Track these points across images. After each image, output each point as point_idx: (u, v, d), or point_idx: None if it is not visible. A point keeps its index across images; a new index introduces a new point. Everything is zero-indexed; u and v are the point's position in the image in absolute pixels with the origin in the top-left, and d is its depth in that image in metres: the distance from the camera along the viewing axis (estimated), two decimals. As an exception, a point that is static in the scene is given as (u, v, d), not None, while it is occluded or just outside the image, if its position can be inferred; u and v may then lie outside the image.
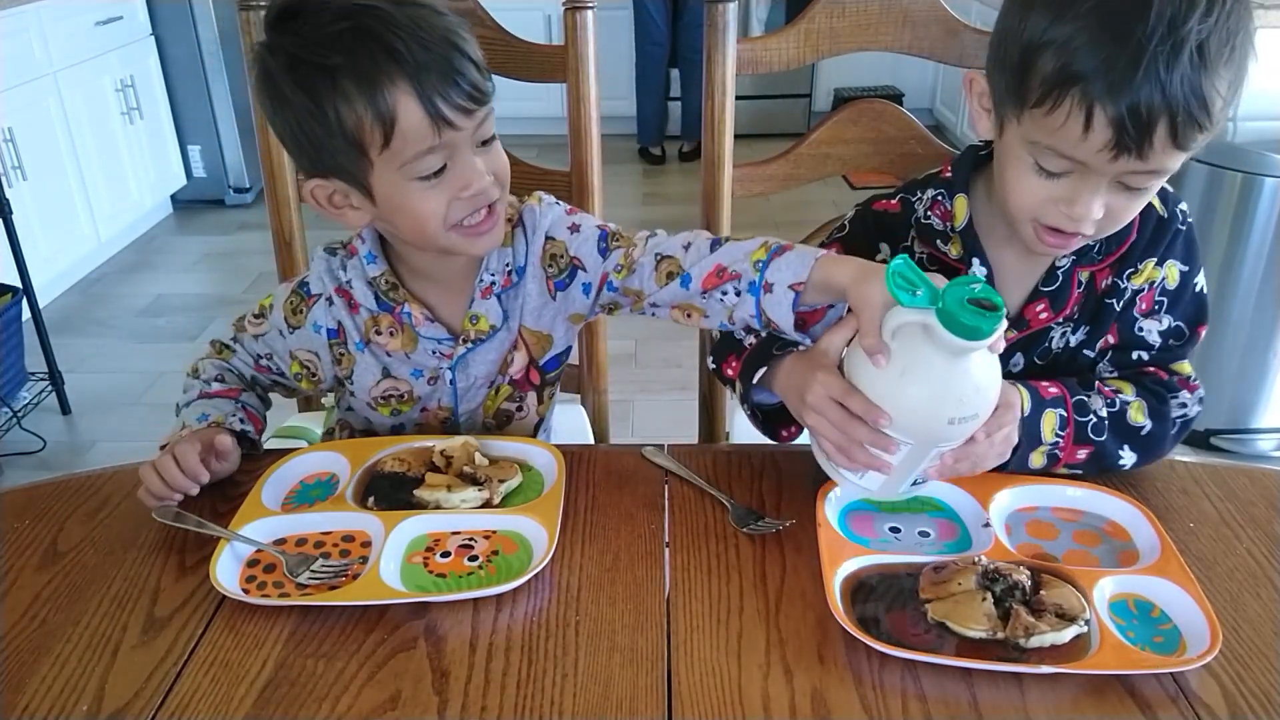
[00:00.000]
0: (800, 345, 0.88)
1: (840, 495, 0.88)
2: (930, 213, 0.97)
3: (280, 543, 0.85)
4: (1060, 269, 0.94)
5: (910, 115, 1.24)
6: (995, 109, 0.86)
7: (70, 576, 0.82)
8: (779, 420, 0.96)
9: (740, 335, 0.95)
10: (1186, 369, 0.97)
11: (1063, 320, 0.96)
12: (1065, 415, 0.89)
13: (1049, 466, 0.90)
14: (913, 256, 0.94)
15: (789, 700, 0.69)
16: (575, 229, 1.00)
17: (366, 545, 0.84)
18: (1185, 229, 0.95)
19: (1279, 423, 2.27)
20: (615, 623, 0.76)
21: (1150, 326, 0.96)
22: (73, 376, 2.65)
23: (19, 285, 2.47)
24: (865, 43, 1.20)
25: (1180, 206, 0.95)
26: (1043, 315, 0.95)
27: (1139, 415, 0.92)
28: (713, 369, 1.00)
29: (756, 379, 0.90)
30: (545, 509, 0.86)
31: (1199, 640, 0.71)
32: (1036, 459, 0.89)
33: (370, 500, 0.89)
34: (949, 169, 0.98)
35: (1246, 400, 2.24)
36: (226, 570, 0.80)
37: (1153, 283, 0.95)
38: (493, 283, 0.99)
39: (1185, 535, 0.85)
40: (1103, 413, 0.90)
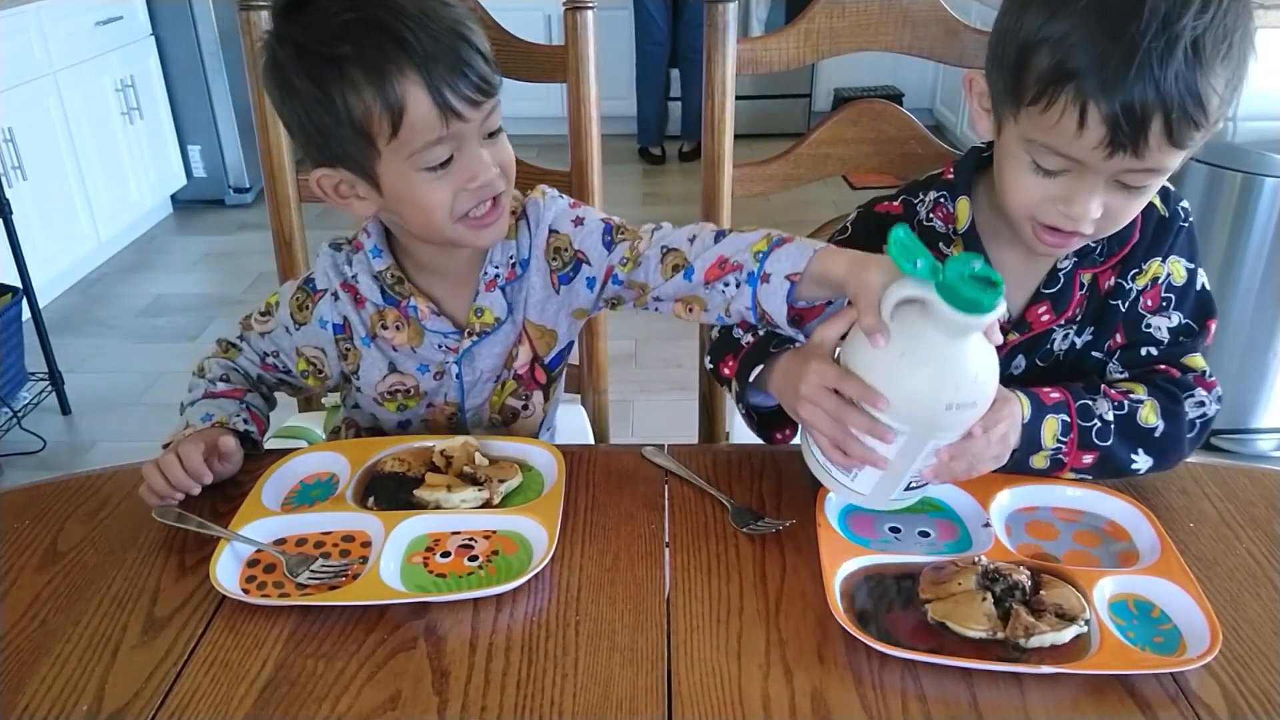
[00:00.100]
0: (797, 343, 0.87)
1: (837, 498, 0.88)
2: (932, 215, 0.96)
3: (280, 543, 0.85)
4: (1062, 271, 0.94)
5: (910, 115, 1.24)
6: (994, 108, 0.86)
7: (70, 576, 0.82)
8: (774, 423, 0.96)
9: (738, 335, 0.95)
10: (1200, 363, 0.94)
11: (1065, 322, 0.96)
12: (1068, 421, 0.87)
13: (1054, 469, 0.88)
14: None
15: (789, 700, 0.69)
16: (579, 222, 1.00)
17: (366, 545, 0.84)
18: (1188, 226, 0.95)
19: (1279, 423, 2.27)
20: (615, 623, 0.76)
21: (1159, 323, 0.94)
22: (73, 376, 2.65)
23: (19, 285, 2.47)
24: (865, 43, 1.20)
25: (1182, 204, 0.95)
26: (1044, 317, 0.95)
27: (1151, 416, 0.89)
28: (710, 369, 1.00)
29: (753, 377, 0.90)
30: (545, 509, 0.86)
31: (1199, 640, 0.71)
32: (1038, 461, 0.88)
33: (370, 500, 0.89)
34: (951, 170, 0.98)
35: (1246, 400, 2.24)
36: (226, 570, 0.80)
37: (1157, 279, 0.94)
38: (497, 275, 1.00)
39: (1185, 535, 0.85)
40: (1109, 416, 0.88)
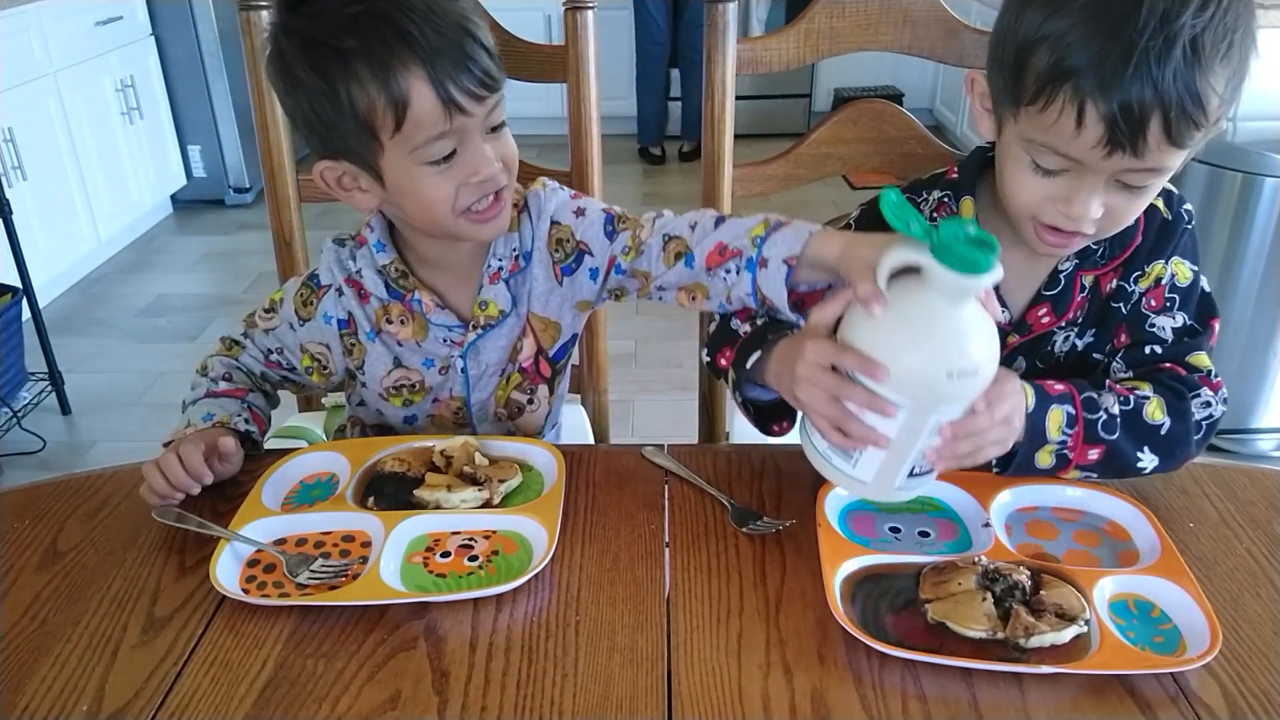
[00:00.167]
0: (795, 329, 0.87)
1: (840, 496, 0.88)
2: (936, 213, 0.96)
3: (280, 543, 0.85)
4: (1062, 273, 0.94)
5: (910, 115, 1.24)
6: (994, 108, 0.86)
7: (70, 576, 0.82)
8: (771, 415, 0.96)
9: (735, 325, 0.95)
10: (1205, 362, 0.92)
11: (1066, 324, 0.96)
12: (1073, 413, 0.85)
13: (1059, 468, 0.87)
14: None
15: (789, 700, 0.69)
16: (580, 213, 1.00)
17: (366, 545, 0.84)
18: (1191, 229, 0.94)
19: (1279, 423, 2.27)
20: (615, 623, 0.76)
21: (1163, 323, 0.93)
22: (73, 376, 2.65)
23: (19, 285, 2.47)
24: (865, 43, 1.20)
25: (1185, 207, 0.94)
26: (1045, 319, 0.95)
27: (1157, 412, 0.88)
28: (707, 362, 0.99)
29: (750, 364, 0.88)
30: (545, 509, 0.86)
31: (1199, 640, 0.71)
32: (1044, 458, 0.86)
33: (370, 500, 0.89)
34: (956, 170, 0.98)
35: (1246, 400, 2.24)
36: (226, 570, 0.80)
37: (1160, 280, 0.93)
38: (500, 268, 1.00)
39: (1185, 535, 0.85)
40: (1115, 410, 0.87)
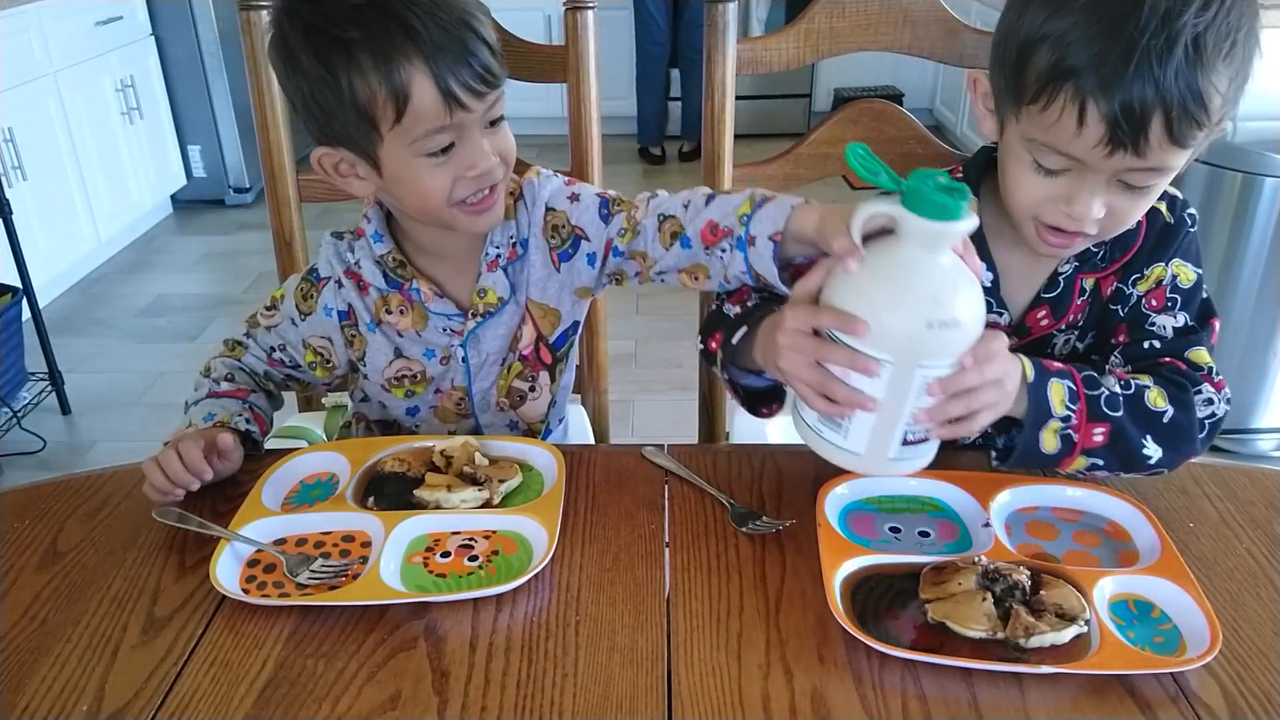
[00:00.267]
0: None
1: (840, 496, 0.88)
2: None
3: (280, 543, 0.85)
4: (1062, 275, 0.93)
5: (910, 115, 1.24)
6: (996, 108, 0.86)
7: (70, 576, 0.82)
8: (760, 397, 0.96)
9: (728, 310, 0.94)
10: (1205, 358, 0.90)
11: (1066, 327, 0.95)
12: (1074, 388, 0.83)
13: (1065, 454, 0.84)
14: None
15: (789, 700, 0.69)
16: (575, 198, 1.01)
17: (366, 545, 0.84)
18: (1194, 232, 0.93)
19: (1279, 423, 2.27)
20: (615, 623, 0.76)
21: (1163, 321, 0.92)
22: (73, 376, 2.65)
23: (19, 285, 2.47)
24: (865, 43, 1.20)
25: (1188, 212, 0.93)
26: (1044, 322, 0.95)
27: (1159, 400, 0.85)
28: (700, 349, 0.98)
29: (736, 338, 0.88)
30: (545, 509, 0.86)
31: (1199, 640, 0.71)
32: (1049, 439, 0.83)
33: (370, 500, 0.89)
34: (960, 170, 0.97)
35: (1246, 400, 2.23)
36: (226, 570, 0.80)
37: (1160, 281, 0.92)
38: (498, 255, 1.00)
39: (1185, 535, 0.85)
40: (1116, 389, 0.84)
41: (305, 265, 1.30)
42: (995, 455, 0.91)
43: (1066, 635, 0.72)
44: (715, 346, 0.93)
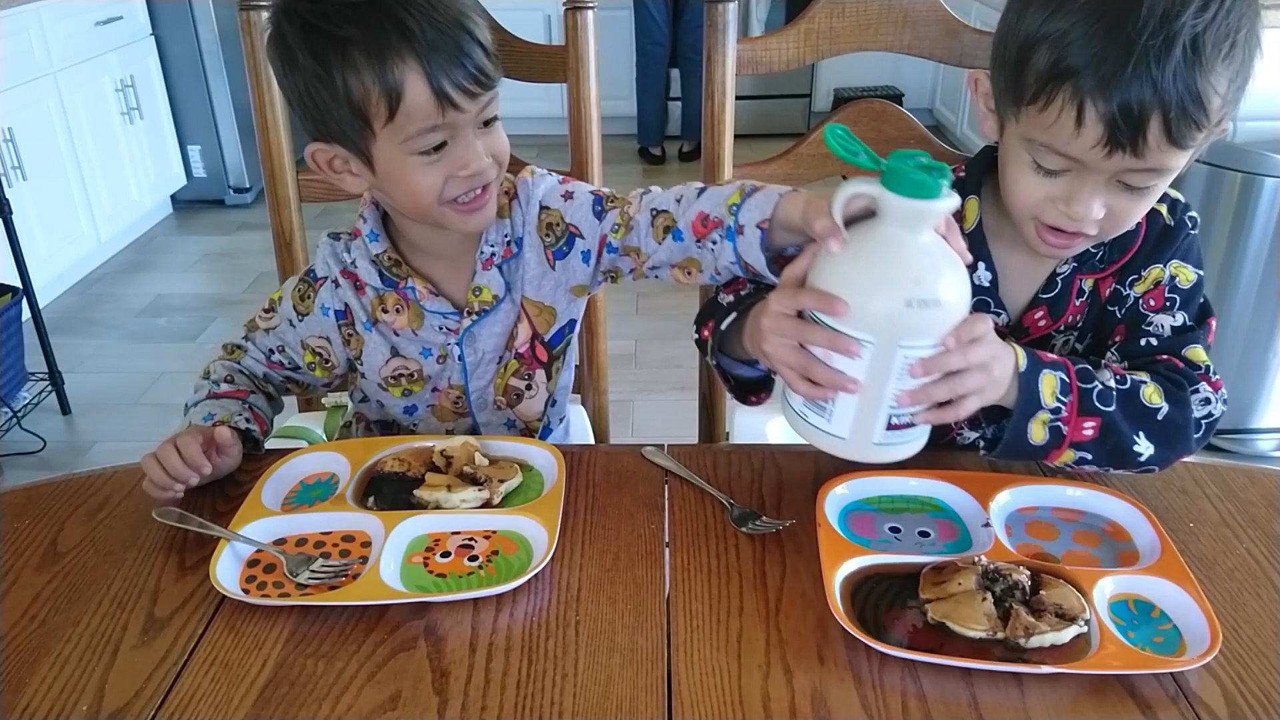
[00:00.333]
0: None
1: (840, 496, 0.88)
2: None
3: (280, 543, 0.85)
4: (1060, 276, 0.93)
5: (910, 115, 1.24)
6: (996, 108, 0.86)
7: (70, 576, 0.82)
8: (750, 386, 0.96)
9: (723, 299, 0.94)
10: (1202, 357, 0.90)
11: (1064, 328, 0.95)
12: (1067, 380, 0.82)
13: (1053, 446, 0.83)
14: None
15: (789, 700, 0.69)
16: (569, 196, 1.01)
17: (366, 545, 0.84)
18: (1195, 235, 0.93)
19: (1279, 423, 2.27)
20: (615, 623, 0.76)
21: (1162, 321, 0.91)
22: (73, 376, 2.65)
23: (19, 285, 2.47)
24: (865, 43, 1.20)
25: (1189, 215, 0.93)
26: (1041, 323, 0.95)
27: (1155, 396, 0.85)
28: (695, 339, 0.98)
29: (725, 325, 0.89)
30: (545, 509, 0.86)
31: (1199, 640, 0.71)
32: (1037, 430, 0.82)
33: (370, 500, 0.89)
34: (963, 169, 0.97)
35: (1246, 400, 2.24)
36: (226, 570, 0.80)
37: (1159, 282, 0.92)
38: (493, 253, 1.01)
39: (1185, 535, 0.85)
40: (1110, 383, 0.84)
41: (305, 265, 1.30)
42: (983, 445, 0.90)
43: (1066, 635, 0.72)
44: (708, 334, 0.94)
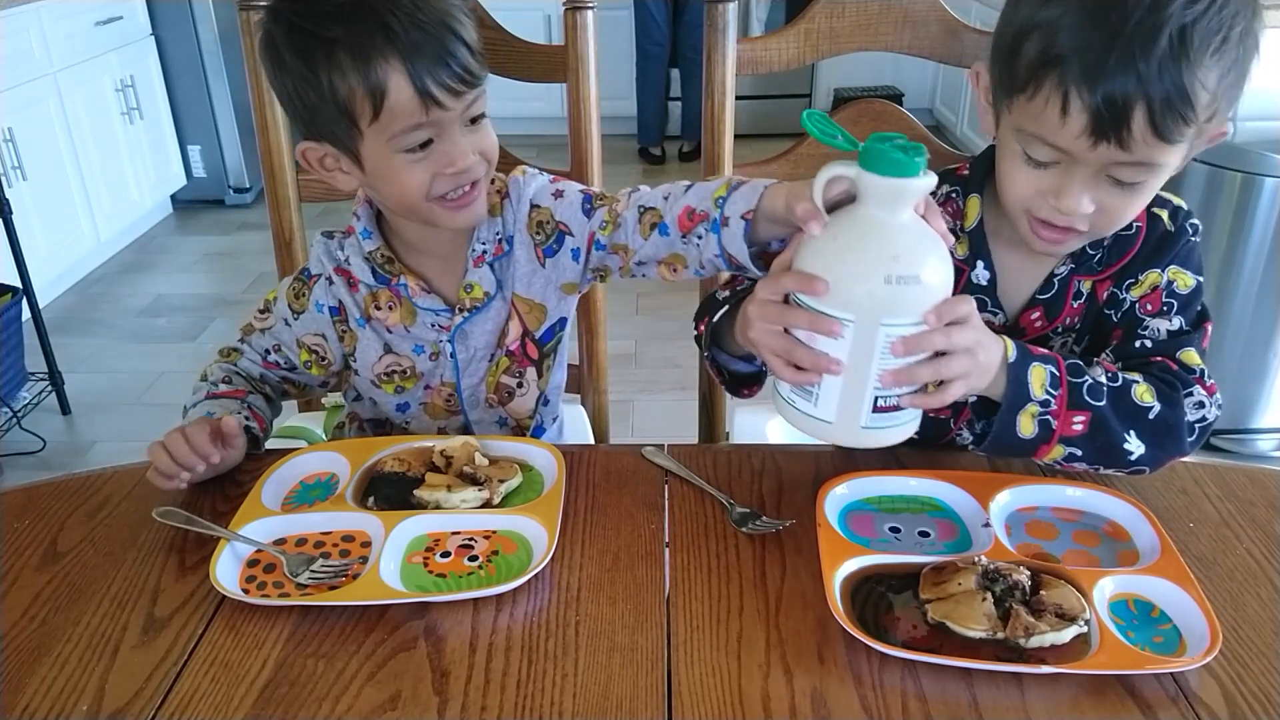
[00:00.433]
0: None
1: (840, 496, 0.88)
2: (943, 208, 0.95)
3: (280, 543, 0.85)
4: (1058, 276, 0.93)
5: (910, 115, 1.24)
6: (993, 100, 0.86)
7: (70, 576, 0.82)
8: (742, 380, 0.97)
9: (721, 295, 0.95)
10: (1196, 360, 0.90)
11: (1062, 330, 0.95)
12: (1057, 374, 0.82)
13: (1042, 441, 0.83)
14: None
15: (789, 700, 0.69)
16: (559, 195, 1.02)
17: (366, 545, 0.84)
18: (1196, 241, 0.92)
19: (1279, 423, 2.27)
20: (615, 623, 0.76)
21: (1158, 324, 0.91)
22: (73, 376, 2.65)
23: (19, 285, 2.47)
24: (865, 43, 1.20)
25: (1190, 221, 0.93)
26: (1038, 323, 0.95)
27: (1147, 395, 0.85)
28: (694, 335, 0.99)
29: (718, 316, 0.90)
30: (545, 509, 0.86)
31: (1199, 640, 0.71)
32: (1026, 423, 0.82)
33: (370, 500, 0.89)
34: (967, 167, 0.97)
35: (1246, 400, 2.24)
36: (226, 570, 0.80)
37: (1156, 287, 0.92)
38: (484, 251, 1.02)
39: (1185, 535, 0.85)
40: (1101, 379, 0.84)
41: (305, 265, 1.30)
42: (973, 440, 0.90)
43: (1066, 635, 0.71)
44: (703, 329, 0.95)
